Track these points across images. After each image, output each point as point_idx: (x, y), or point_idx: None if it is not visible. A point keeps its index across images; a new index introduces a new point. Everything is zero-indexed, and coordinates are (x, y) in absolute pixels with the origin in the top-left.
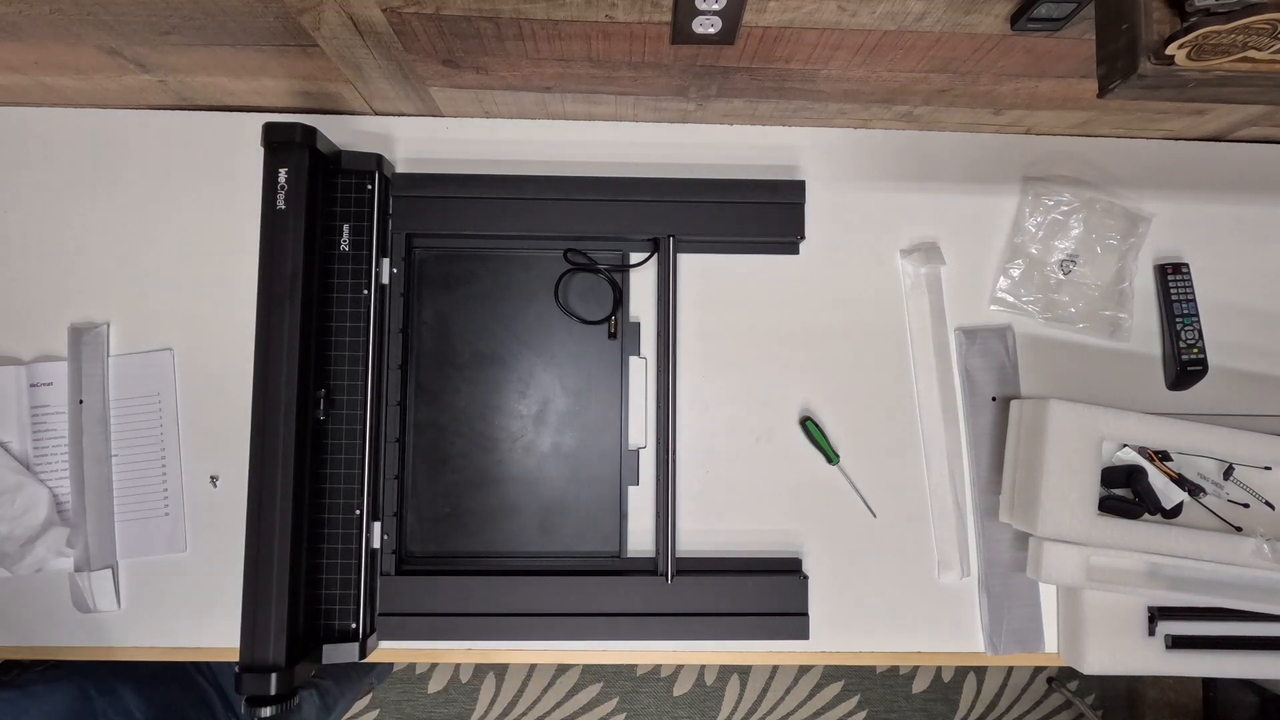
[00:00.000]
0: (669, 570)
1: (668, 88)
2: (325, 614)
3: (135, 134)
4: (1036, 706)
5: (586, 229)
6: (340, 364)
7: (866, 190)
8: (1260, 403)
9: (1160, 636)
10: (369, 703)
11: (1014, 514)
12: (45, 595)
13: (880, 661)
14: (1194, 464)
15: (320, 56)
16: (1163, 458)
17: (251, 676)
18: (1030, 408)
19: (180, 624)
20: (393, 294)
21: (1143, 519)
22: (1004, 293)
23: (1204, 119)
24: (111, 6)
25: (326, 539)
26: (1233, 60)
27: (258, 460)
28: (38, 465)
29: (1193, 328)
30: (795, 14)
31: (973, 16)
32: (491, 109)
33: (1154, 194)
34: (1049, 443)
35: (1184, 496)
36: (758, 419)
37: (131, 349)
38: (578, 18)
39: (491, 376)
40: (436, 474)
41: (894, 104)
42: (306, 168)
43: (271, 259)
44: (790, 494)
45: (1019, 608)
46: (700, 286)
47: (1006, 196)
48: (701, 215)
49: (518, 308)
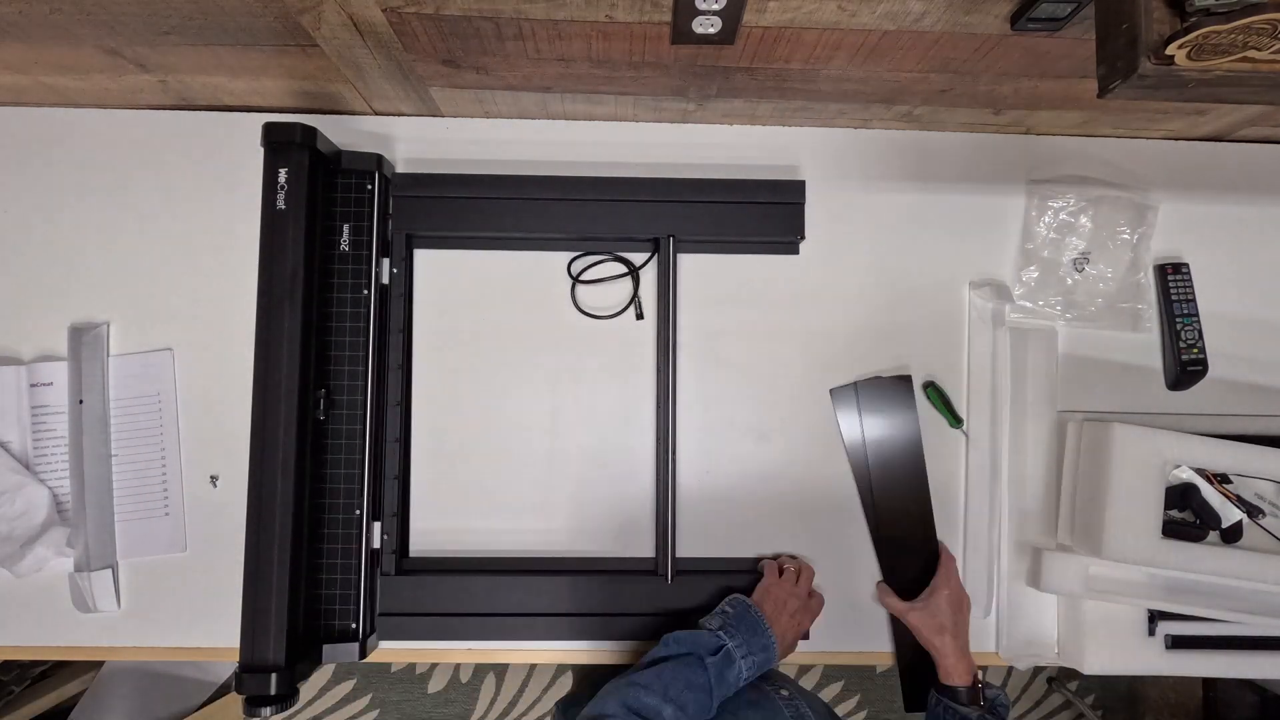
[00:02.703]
0: (669, 570)
1: (668, 88)
2: (325, 614)
3: (135, 134)
4: (1036, 706)
5: (586, 229)
6: (340, 364)
7: (866, 190)
8: (1261, 403)
9: (1160, 636)
10: (369, 703)
11: (1074, 537)
12: (45, 595)
13: (880, 661)
14: (1250, 485)
15: (320, 56)
16: (1222, 480)
17: (251, 676)
18: (1091, 430)
19: (180, 624)
20: (393, 294)
21: (1204, 543)
22: (1023, 300)
23: (1204, 119)
24: (111, 6)
25: (327, 539)
26: (1233, 60)
27: (257, 460)
28: (38, 465)
29: (1193, 328)
30: (795, 14)
31: (973, 16)
32: (491, 109)
33: (1154, 194)
34: (1113, 467)
35: (1241, 517)
36: (758, 419)
37: (131, 349)
38: (578, 18)
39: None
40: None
41: (894, 104)
42: (306, 167)
43: (271, 259)
44: (790, 495)
45: (1029, 617)
46: (700, 287)
47: (1007, 196)
48: (701, 215)
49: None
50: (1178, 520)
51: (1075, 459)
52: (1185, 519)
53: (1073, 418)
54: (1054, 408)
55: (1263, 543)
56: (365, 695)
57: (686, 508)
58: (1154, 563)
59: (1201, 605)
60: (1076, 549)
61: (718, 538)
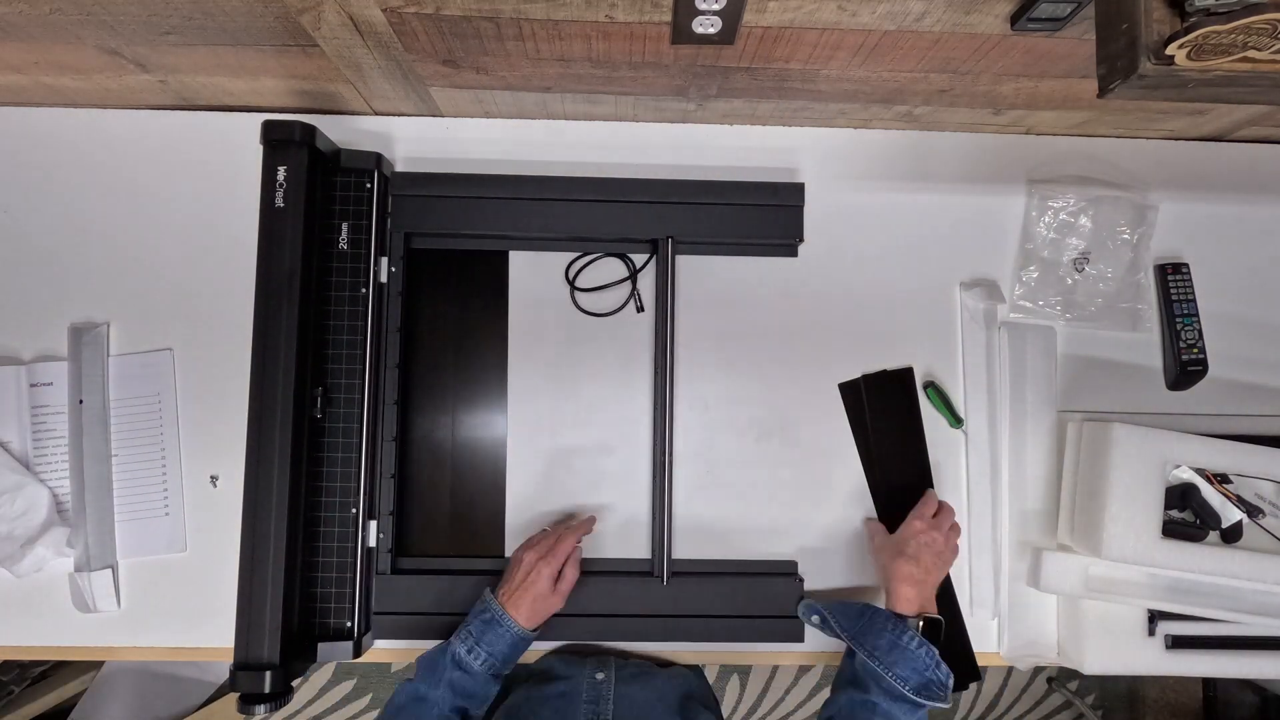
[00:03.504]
0: (665, 572)
1: (668, 88)
2: (321, 612)
3: (135, 134)
4: (1036, 706)
5: (585, 230)
6: (338, 362)
7: (866, 191)
8: (1261, 403)
9: (1160, 636)
10: (369, 703)
11: (1074, 537)
12: (45, 595)
13: None
14: (1251, 485)
15: (320, 56)
16: (1222, 480)
17: (245, 674)
18: (1091, 430)
19: (180, 624)
20: (391, 293)
21: (1204, 543)
22: (1022, 300)
23: (1204, 119)
24: (111, 6)
25: (322, 537)
26: (1233, 60)
27: (254, 457)
28: (38, 465)
29: (1193, 328)
30: (795, 14)
31: (973, 16)
32: (491, 109)
33: (1154, 194)
34: (1113, 467)
35: (1241, 517)
36: (757, 420)
37: (131, 349)
38: (578, 18)
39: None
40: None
41: (894, 104)
42: (305, 166)
43: (270, 256)
44: (789, 495)
45: (1030, 617)
46: (699, 288)
47: (1008, 196)
48: (700, 217)
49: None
50: (1178, 520)
51: (1075, 459)
52: (1185, 519)
53: (1072, 418)
54: (1054, 408)
55: (1263, 543)
56: (365, 695)
57: (683, 510)
58: (1154, 563)
59: (1201, 605)
60: (1076, 549)
61: (714, 540)
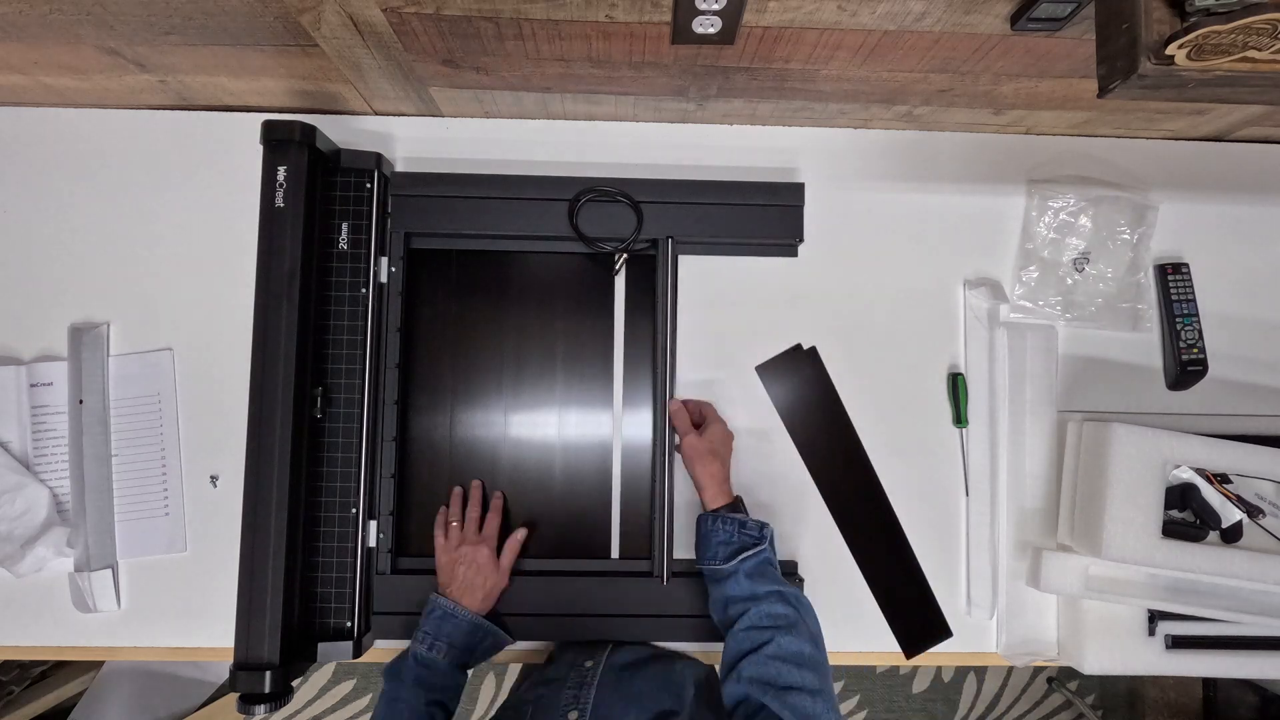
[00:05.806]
0: (665, 572)
1: (668, 88)
2: (321, 612)
3: (135, 134)
4: (1036, 706)
5: (585, 230)
6: (338, 362)
7: (866, 191)
8: (1261, 403)
9: (1160, 636)
10: (369, 703)
11: (1074, 537)
12: (45, 595)
13: (880, 661)
14: (1251, 485)
15: (320, 56)
16: (1222, 480)
17: (245, 674)
18: (1091, 430)
19: (180, 624)
20: (391, 293)
21: (1204, 543)
22: (1022, 300)
23: (1204, 119)
24: (111, 6)
25: (322, 537)
26: (1233, 60)
27: (254, 457)
28: (38, 465)
29: (1193, 328)
30: (795, 14)
31: (973, 16)
32: (491, 109)
33: (1154, 194)
34: (1112, 467)
35: (1241, 517)
36: (756, 421)
37: (131, 349)
38: (578, 18)
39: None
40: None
41: (894, 104)
42: (305, 165)
43: (270, 256)
44: (788, 496)
45: (1029, 617)
46: (699, 288)
47: (1008, 196)
48: (700, 217)
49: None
50: (1178, 520)
51: (1075, 459)
52: (1185, 519)
53: (1072, 417)
54: (1053, 407)
55: (1263, 543)
56: (365, 695)
57: (683, 510)
58: (1154, 563)
59: (1201, 605)
60: (1076, 549)
61: None
